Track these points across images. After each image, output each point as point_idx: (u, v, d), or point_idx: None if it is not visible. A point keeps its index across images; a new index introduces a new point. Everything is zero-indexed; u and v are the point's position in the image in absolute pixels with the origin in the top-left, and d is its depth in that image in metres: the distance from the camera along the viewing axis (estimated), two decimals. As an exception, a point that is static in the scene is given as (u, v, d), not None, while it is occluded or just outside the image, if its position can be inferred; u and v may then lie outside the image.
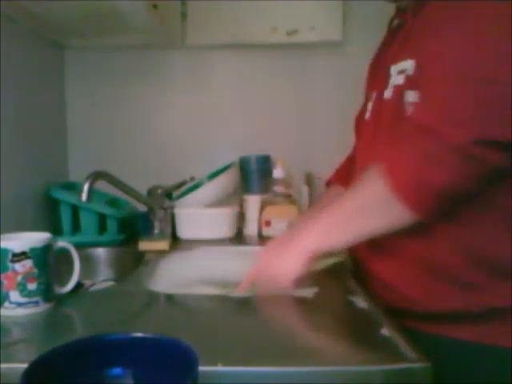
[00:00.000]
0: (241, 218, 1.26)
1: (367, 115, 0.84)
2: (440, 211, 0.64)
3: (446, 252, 0.69)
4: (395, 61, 0.75)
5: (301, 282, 0.71)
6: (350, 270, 0.87)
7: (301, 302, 0.73)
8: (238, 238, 1.24)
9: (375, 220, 0.66)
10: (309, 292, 0.75)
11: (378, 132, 0.78)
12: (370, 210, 0.66)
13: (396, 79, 0.74)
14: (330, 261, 0.80)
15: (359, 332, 0.62)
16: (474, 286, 0.68)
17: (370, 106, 0.84)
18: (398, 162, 0.64)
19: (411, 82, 0.70)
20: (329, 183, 1.02)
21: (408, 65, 0.71)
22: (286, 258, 0.71)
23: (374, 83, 0.86)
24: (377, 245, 0.75)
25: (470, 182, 0.62)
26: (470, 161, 0.59)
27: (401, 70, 0.73)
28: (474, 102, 0.60)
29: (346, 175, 0.93)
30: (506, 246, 0.67)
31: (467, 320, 0.68)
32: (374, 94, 0.82)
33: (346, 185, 0.89)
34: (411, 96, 0.69)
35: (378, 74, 0.84)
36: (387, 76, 0.77)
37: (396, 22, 0.84)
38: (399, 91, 0.73)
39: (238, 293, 0.75)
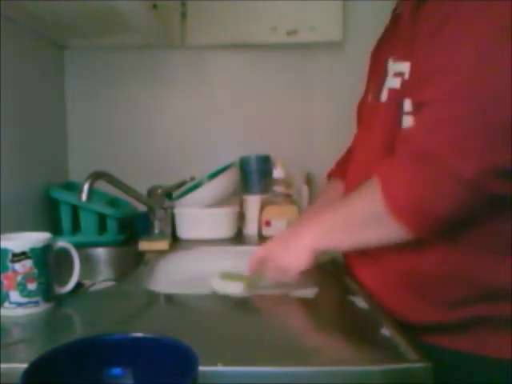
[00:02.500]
0: (241, 217, 1.26)
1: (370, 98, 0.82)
2: (438, 232, 0.64)
3: (433, 270, 0.68)
4: (392, 55, 0.73)
5: (305, 274, 0.73)
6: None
7: (301, 302, 0.73)
8: (238, 238, 1.24)
9: (370, 234, 0.66)
10: (309, 292, 0.75)
11: (371, 134, 0.77)
12: (366, 225, 0.66)
13: (392, 81, 0.72)
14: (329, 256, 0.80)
15: (359, 332, 0.62)
16: (458, 303, 0.67)
17: (370, 97, 0.82)
18: (398, 185, 0.62)
19: (406, 88, 0.68)
20: (329, 176, 1.02)
21: (404, 68, 0.69)
22: (292, 251, 0.72)
23: (373, 73, 0.84)
24: (365, 253, 0.75)
25: (473, 209, 0.60)
26: (475, 191, 0.57)
27: (397, 72, 0.71)
28: (484, 128, 0.56)
29: (346, 168, 0.92)
30: (495, 270, 0.65)
31: (451, 330, 0.67)
32: (372, 87, 0.81)
33: (345, 179, 0.89)
34: (408, 105, 0.68)
35: (377, 64, 0.82)
36: (385, 70, 0.74)
37: (400, 9, 0.79)
38: (395, 97, 0.71)
39: (248, 272, 0.77)
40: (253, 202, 1.24)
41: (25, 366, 0.41)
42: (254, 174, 1.31)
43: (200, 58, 1.41)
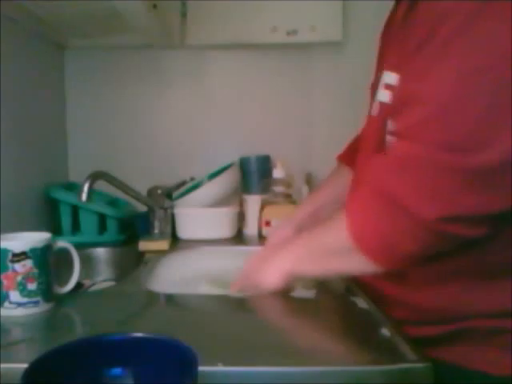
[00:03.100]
0: (241, 217, 1.26)
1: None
2: (410, 265, 0.63)
3: (418, 300, 0.68)
4: (389, 55, 0.71)
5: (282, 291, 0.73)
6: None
7: (301, 302, 0.73)
8: (238, 238, 1.24)
9: (341, 266, 0.66)
10: (309, 293, 0.75)
11: (367, 144, 0.75)
12: (336, 257, 0.65)
13: (382, 95, 0.69)
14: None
15: (359, 332, 0.62)
16: (442, 322, 0.66)
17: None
18: (362, 221, 0.61)
19: (391, 107, 0.66)
20: (339, 159, 0.99)
21: (394, 80, 0.66)
22: (266, 270, 0.73)
23: (381, 59, 0.80)
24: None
25: (439, 249, 0.59)
26: (438, 236, 0.55)
27: (388, 84, 0.68)
28: (452, 173, 0.53)
29: (354, 154, 0.89)
30: (481, 297, 0.64)
31: (437, 343, 0.66)
32: (375, 78, 0.77)
33: (353, 165, 0.87)
34: (390, 124, 0.65)
35: (383, 49, 0.79)
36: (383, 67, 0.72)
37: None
38: (384, 112, 0.68)
39: (232, 290, 0.76)
40: (253, 201, 1.24)
41: (25, 366, 0.41)
42: (253, 174, 1.31)
43: (200, 58, 1.41)
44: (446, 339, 0.66)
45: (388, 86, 0.67)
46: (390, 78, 0.67)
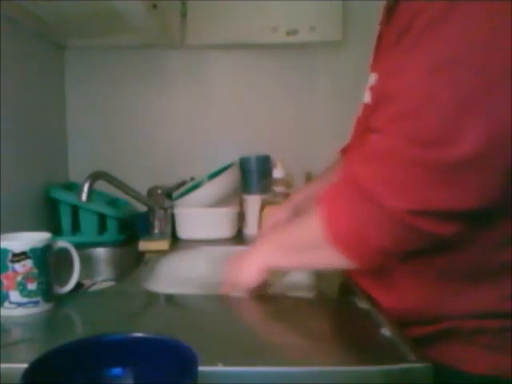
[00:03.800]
0: (241, 218, 1.26)
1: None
2: (385, 261, 0.63)
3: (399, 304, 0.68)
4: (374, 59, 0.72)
5: (259, 290, 0.73)
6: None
7: (301, 302, 0.73)
8: (238, 238, 1.24)
9: (315, 259, 0.66)
10: (309, 292, 0.75)
11: (353, 142, 0.76)
12: (310, 250, 0.65)
13: (366, 96, 0.70)
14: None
15: (359, 332, 0.62)
16: (423, 323, 0.66)
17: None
18: (335, 215, 0.60)
19: (372, 107, 0.66)
20: (341, 152, 0.99)
21: (374, 80, 0.66)
22: (242, 268, 0.73)
23: (372, 62, 0.81)
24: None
25: (411, 245, 0.59)
26: (407, 230, 0.55)
27: (370, 85, 0.69)
28: (422, 168, 0.53)
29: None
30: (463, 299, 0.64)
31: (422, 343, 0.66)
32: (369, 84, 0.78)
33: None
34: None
35: (373, 56, 0.80)
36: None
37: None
38: (366, 113, 0.68)
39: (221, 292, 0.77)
40: (253, 201, 1.24)
41: (25, 366, 0.41)
42: (253, 174, 1.31)
43: (200, 58, 1.41)
44: (429, 340, 0.65)
45: (370, 87, 0.68)
46: (372, 78, 0.67)
